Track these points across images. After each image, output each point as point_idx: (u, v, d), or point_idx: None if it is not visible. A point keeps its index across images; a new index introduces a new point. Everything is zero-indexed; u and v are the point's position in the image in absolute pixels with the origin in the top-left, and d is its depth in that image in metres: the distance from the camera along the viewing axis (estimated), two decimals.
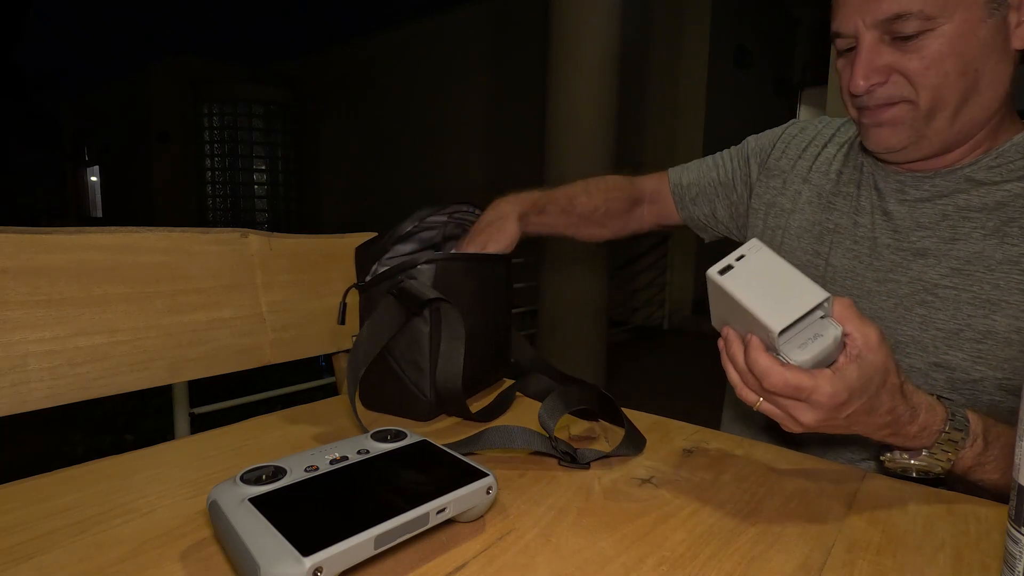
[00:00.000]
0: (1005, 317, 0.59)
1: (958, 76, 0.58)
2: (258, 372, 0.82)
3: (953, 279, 0.61)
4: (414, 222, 0.64)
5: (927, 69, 0.58)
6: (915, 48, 0.58)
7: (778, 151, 0.82)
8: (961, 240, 0.62)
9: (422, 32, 7.33)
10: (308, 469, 0.40)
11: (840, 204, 0.72)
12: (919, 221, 0.65)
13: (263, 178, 9.53)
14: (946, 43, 0.57)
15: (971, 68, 0.58)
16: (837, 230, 0.71)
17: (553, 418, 0.53)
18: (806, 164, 0.78)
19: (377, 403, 0.67)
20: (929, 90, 0.59)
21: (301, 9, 69.61)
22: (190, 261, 0.71)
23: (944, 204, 0.64)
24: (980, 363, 0.60)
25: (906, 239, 0.65)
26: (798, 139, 0.81)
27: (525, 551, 0.39)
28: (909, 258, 0.64)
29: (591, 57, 3.25)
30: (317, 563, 0.31)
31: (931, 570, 0.38)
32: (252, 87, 9.44)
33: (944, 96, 0.59)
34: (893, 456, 0.52)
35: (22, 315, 0.57)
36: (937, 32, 0.57)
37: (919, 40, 0.58)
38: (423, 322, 0.62)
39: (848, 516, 0.45)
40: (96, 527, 0.41)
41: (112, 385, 0.64)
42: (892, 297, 0.65)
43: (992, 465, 0.51)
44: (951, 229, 0.63)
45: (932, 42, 0.57)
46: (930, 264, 0.63)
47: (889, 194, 0.68)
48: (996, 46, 0.58)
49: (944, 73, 0.58)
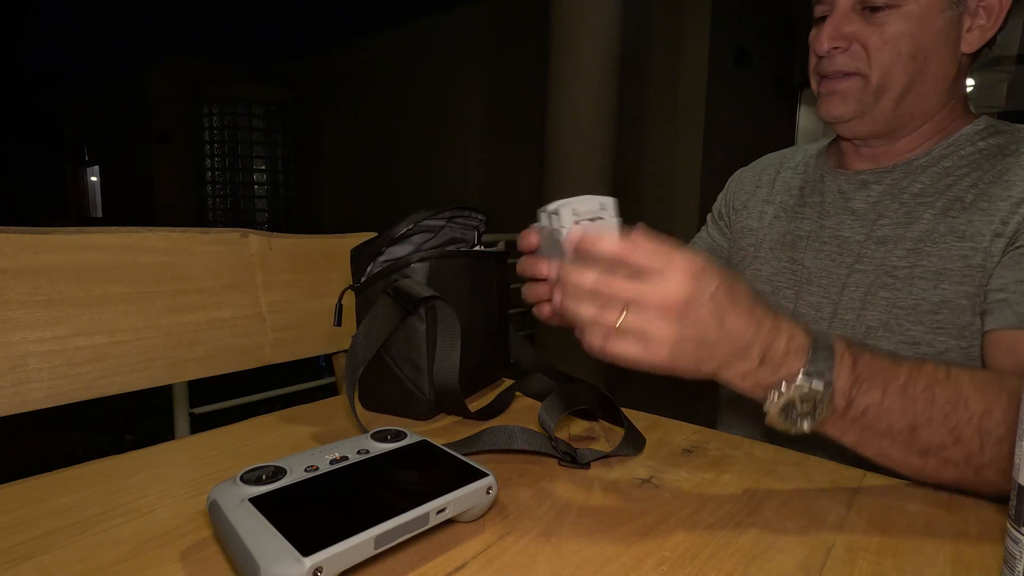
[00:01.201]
0: (952, 284, 0.62)
1: (909, 58, 0.64)
2: (258, 372, 0.82)
3: (908, 259, 0.65)
4: (408, 225, 0.64)
5: (884, 44, 0.64)
6: (879, 22, 0.64)
7: (732, 193, 0.91)
8: (915, 222, 0.66)
9: (422, 32, 7.33)
10: (308, 469, 0.40)
11: (807, 213, 0.77)
12: (880, 212, 0.70)
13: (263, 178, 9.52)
14: (906, 24, 0.63)
15: (921, 54, 0.64)
16: (808, 236, 0.76)
17: (553, 418, 0.53)
18: (765, 190, 0.86)
19: (376, 403, 0.67)
20: (881, 66, 0.65)
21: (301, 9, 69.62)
22: (190, 261, 0.71)
23: (900, 193, 0.69)
24: (941, 333, 0.63)
25: (869, 230, 0.70)
26: (748, 176, 0.90)
27: (525, 551, 0.39)
28: (872, 247, 0.69)
29: (591, 57, 3.25)
30: (317, 563, 0.31)
31: (931, 570, 0.38)
32: (252, 87, 9.43)
33: (893, 75, 0.65)
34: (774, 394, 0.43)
35: (22, 315, 0.57)
36: (901, 11, 0.63)
37: (884, 14, 0.63)
38: (419, 320, 0.62)
39: (848, 516, 0.45)
40: (96, 527, 0.41)
41: (112, 385, 0.64)
42: (861, 286, 0.69)
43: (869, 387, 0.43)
44: (907, 215, 0.67)
45: (894, 20, 0.63)
46: (890, 249, 0.67)
47: (851, 192, 0.73)
48: (947, 41, 0.64)
49: (898, 52, 0.64)
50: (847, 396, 0.43)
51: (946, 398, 0.43)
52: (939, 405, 0.43)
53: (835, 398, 0.43)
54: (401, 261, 0.63)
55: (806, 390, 0.42)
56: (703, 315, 0.40)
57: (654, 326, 0.41)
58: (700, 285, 0.40)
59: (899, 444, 0.44)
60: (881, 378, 0.44)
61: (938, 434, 0.43)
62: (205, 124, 9.43)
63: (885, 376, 0.44)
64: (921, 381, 0.44)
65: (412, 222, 0.64)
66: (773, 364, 0.43)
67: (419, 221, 0.65)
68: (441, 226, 0.70)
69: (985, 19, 0.64)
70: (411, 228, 0.65)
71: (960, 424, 0.43)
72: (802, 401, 0.43)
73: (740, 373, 0.43)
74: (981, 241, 0.61)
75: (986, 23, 0.64)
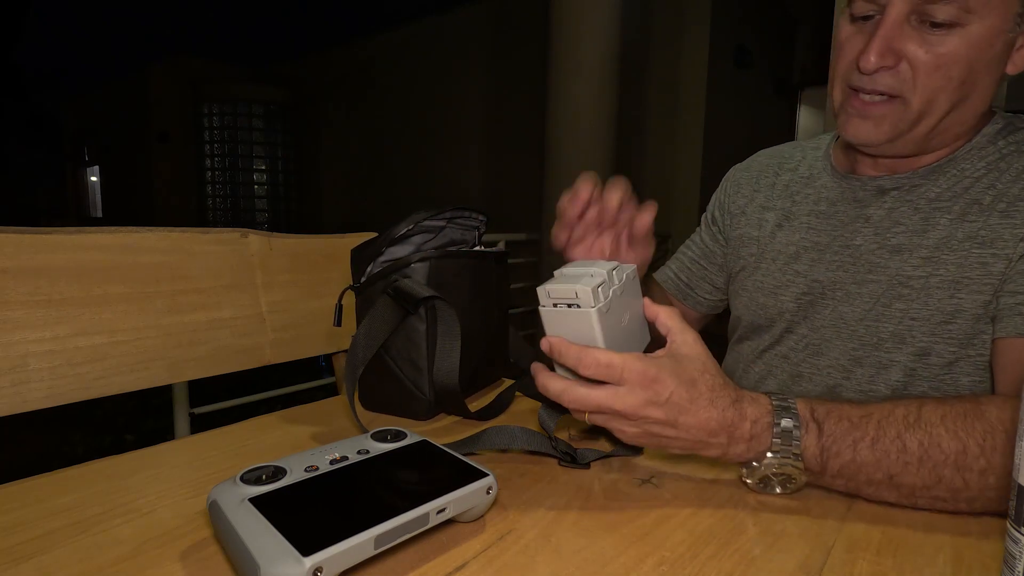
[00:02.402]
0: (970, 294, 0.59)
1: (959, 84, 0.58)
2: (258, 372, 0.82)
3: (924, 268, 0.62)
4: (409, 225, 0.64)
5: (937, 69, 0.57)
6: (935, 41, 0.56)
7: (731, 194, 0.87)
8: (931, 229, 0.63)
9: (422, 32, 7.33)
10: (308, 469, 0.40)
11: (815, 223, 0.73)
12: (895, 219, 0.66)
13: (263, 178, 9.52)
14: (966, 45, 0.56)
15: (971, 79, 0.58)
16: (816, 247, 0.72)
17: (553, 418, 0.53)
18: (763, 195, 0.82)
19: (376, 403, 0.67)
20: (927, 92, 0.58)
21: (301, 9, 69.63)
22: (190, 261, 0.71)
23: (915, 198, 0.65)
24: (952, 344, 0.61)
25: (883, 238, 0.66)
26: (744, 178, 0.86)
27: (525, 551, 0.39)
28: (886, 256, 0.65)
29: (591, 57, 3.25)
30: (317, 563, 0.31)
31: (931, 570, 0.38)
32: (252, 87, 9.44)
33: (937, 101, 0.59)
34: (750, 470, 0.47)
35: (22, 315, 0.57)
36: (964, 30, 0.55)
37: (944, 33, 0.56)
38: (419, 320, 0.62)
39: (848, 516, 0.45)
40: (96, 527, 0.41)
41: (112, 385, 0.64)
42: (872, 297, 0.66)
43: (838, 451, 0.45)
44: (923, 221, 0.64)
45: (954, 40, 0.56)
46: (905, 258, 0.64)
47: (868, 200, 0.69)
48: (1000, 64, 0.59)
49: (949, 77, 0.57)
50: (819, 462, 0.45)
51: (918, 443, 0.44)
52: (912, 451, 0.44)
53: (808, 465, 0.46)
54: (401, 261, 0.63)
55: (776, 467, 0.46)
56: (659, 418, 0.44)
57: (615, 424, 0.46)
58: (652, 395, 0.44)
59: (884, 489, 0.45)
60: (849, 439, 0.45)
61: (918, 477, 0.44)
62: (205, 124, 9.43)
63: (853, 436, 0.45)
64: (891, 431, 0.45)
65: (412, 222, 0.64)
66: (742, 445, 0.46)
67: (419, 221, 0.65)
68: (441, 227, 0.70)
69: None
70: (411, 228, 0.65)
71: (937, 465, 0.43)
72: (776, 475, 0.46)
73: (711, 456, 0.47)
74: (1004, 247, 0.58)
75: None
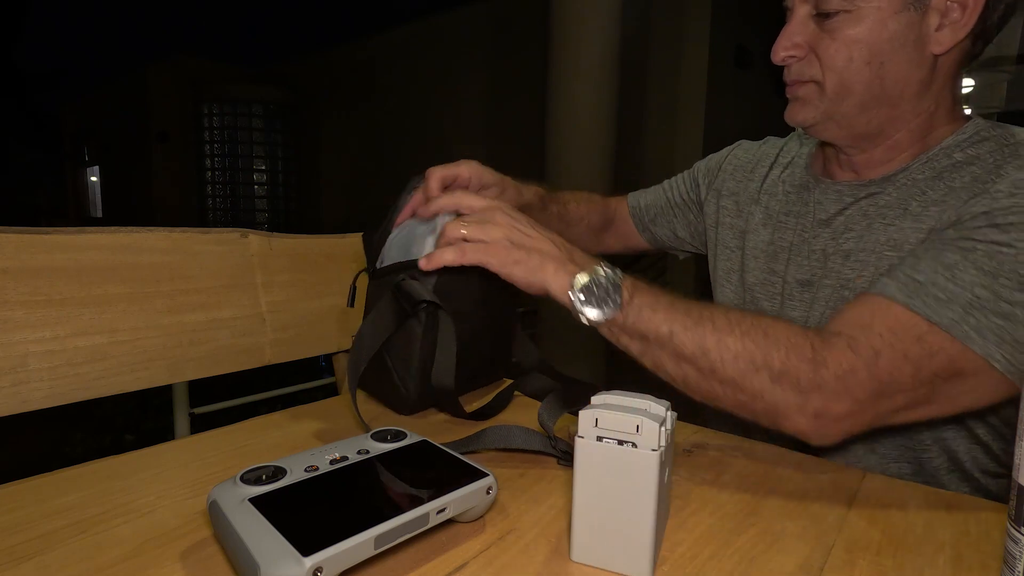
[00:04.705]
0: None
1: (863, 64, 0.62)
2: (258, 372, 0.82)
3: (860, 271, 0.65)
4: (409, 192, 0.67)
5: (837, 52, 0.62)
6: (831, 29, 0.62)
7: (726, 172, 0.87)
8: (869, 234, 0.66)
9: (422, 32, 7.32)
10: (308, 469, 0.40)
11: (790, 223, 0.75)
12: (849, 225, 0.68)
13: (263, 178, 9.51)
14: (858, 29, 0.61)
15: (876, 60, 0.61)
16: (790, 248, 0.74)
17: (553, 418, 0.53)
18: (755, 186, 0.82)
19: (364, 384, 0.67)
20: (835, 73, 0.63)
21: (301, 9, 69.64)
22: (190, 261, 0.71)
23: (867, 205, 0.67)
24: None
25: (837, 243, 0.69)
26: (744, 160, 0.86)
27: (525, 551, 0.39)
28: (839, 261, 0.68)
29: (591, 57, 3.25)
30: (317, 563, 0.31)
31: (931, 570, 0.38)
32: (252, 87, 9.42)
33: (849, 82, 0.63)
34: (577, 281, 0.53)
35: (22, 315, 0.57)
36: (854, 15, 0.61)
37: (837, 20, 0.61)
38: (416, 323, 0.63)
39: (848, 516, 0.45)
40: (96, 527, 0.41)
41: (112, 385, 0.64)
42: (827, 301, 0.68)
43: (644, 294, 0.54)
44: (867, 227, 0.66)
45: (847, 26, 0.61)
46: (851, 264, 0.66)
47: (828, 204, 0.71)
48: (905, 43, 0.61)
49: (849, 58, 0.62)
50: (630, 291, 0.53)
51: (699, 313, 0.53)
52: (693, 317, 0.53)
53: (622, 289, 0.53)
54: (413, 261, 0.63)
55: (602, 274, 0.53)
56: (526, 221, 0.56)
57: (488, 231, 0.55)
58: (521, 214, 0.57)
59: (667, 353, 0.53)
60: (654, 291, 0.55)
61: (691, 342, 0.52)
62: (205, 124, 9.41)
63: (657, 291, 0.55)
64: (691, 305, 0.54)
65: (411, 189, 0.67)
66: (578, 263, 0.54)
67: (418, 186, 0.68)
68: None
69: (959, 14, 0.59)
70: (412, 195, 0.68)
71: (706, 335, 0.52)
72: (598, 286, 0.52)
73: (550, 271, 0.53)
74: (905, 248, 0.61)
75: (960, 18, 0.59)
